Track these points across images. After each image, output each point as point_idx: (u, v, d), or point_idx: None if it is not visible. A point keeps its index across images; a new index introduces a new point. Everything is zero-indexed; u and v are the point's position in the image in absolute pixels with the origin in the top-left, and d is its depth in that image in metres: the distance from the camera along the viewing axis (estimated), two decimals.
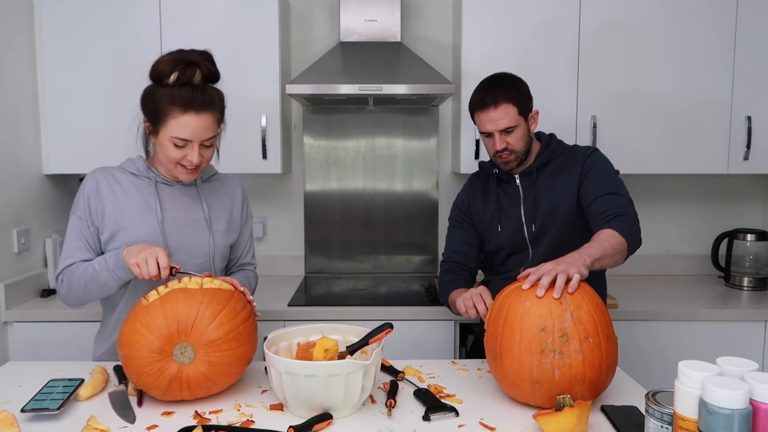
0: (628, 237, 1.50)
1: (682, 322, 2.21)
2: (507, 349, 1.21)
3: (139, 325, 1.25)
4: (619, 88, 2.40)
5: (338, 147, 2.78)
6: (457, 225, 1.88)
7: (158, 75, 1.44)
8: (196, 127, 1.44)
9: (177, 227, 1.53)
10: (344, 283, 2.66)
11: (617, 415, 1.19)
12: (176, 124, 1.43)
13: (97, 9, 2.35)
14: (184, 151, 1.46)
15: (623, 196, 1.63)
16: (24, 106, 2.35)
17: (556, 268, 1.25)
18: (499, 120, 1.66)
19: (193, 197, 1.58)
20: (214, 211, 1.60)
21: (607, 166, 1.73)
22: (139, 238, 1.48)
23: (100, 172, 1.55)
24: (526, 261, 1.76)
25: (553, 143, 1.79)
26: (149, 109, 1.47)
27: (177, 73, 1.42)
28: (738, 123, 2.41)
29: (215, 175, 1.67)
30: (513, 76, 1.74)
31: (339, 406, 1.18)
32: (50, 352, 2.17)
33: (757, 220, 2.82)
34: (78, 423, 1.18)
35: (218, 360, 1.25)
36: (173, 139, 1.44)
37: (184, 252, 1.52)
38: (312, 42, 2.74)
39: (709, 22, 2.37)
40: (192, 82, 1.44)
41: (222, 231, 1.61)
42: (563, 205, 1.71)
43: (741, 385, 0.85)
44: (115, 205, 1.51)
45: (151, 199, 1.53)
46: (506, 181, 1.80)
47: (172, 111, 1.42)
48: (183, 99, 1.42)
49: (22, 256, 2.33)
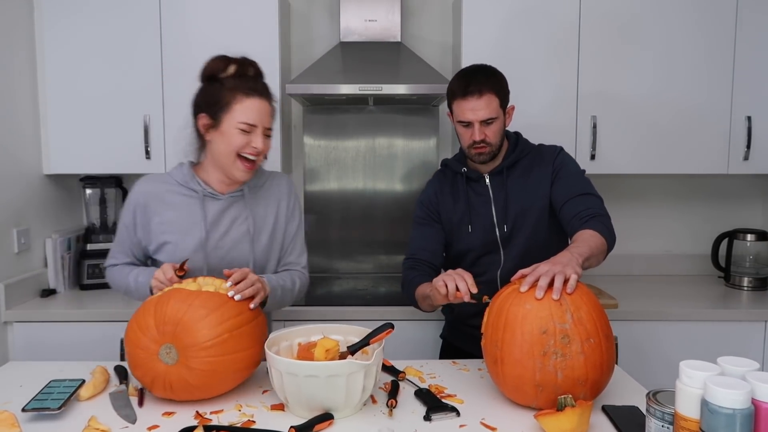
0: (608, 237, 1.51)
1: (682, 322, 2.21)
2: (508, 353, 1.21)
3: (134, 323, 1.28)
4: (619, 88, 2.40)
5: (338, 147, 2.78)
6: (424, 222, 1.82)
7: (213, 71, 1.49)
8: (260, 110, 1.47)
9: (221, 242, 1.54)
10: (345, 283, 2.66)
11: (618, 415, 1.19)
12: (242, 108, 1.45)
13: (97, 9, 2.34)
14: (249, 138, 1.47)
15: (595, 197, 1.64)
16: (24, 106, 2.34)
17: (552, 269, 1.24)
18: (481, 110, 1.62)
19: (239, 210, 1.57)
20: (259, 224, 1.58)
21: (575, 166, 1.73)
22: (185, 253, 1.51)
23: (147, 183, 1.57)
24: (498, 262, 1.74)
25: (521, 142, 1.77)
26: (208, 103, 1.48)
27: (235, 65, 1.49)
28: (738, 123, 2.41)
29: (263, 176, 1.63)
30: (494, 68, 1.70)
31: (340, 407, 1.18)
32: (50, 352, 2.17)
33: (757, 220, 2.82)
34: (79, 423, 1.18)
35: (197, 366, 1.22)
36: (239, 124, 1.45)
37: (225, 265, 1.51)
38: (312, 42, 2.74)
39: (709, 22, 2.37)
40: (249, 75, 1.50)
41: (264, 243, 1.59)
42: (535, 206, 1.70)
43: (743, 384, 0.85)
44: (162, 218, 1.53)
45: (197, 214, 1.53)
46: (475, 180, 1.76)
47: (236, 96, 1.45)
48: (246, 85, 1.47)
49: (22, 256, 2.33)
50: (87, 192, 2.60)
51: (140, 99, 2.37)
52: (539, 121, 2.35)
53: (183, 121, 1.57)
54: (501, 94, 1.66)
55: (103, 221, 2.61)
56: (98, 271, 2.53)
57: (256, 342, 1.31)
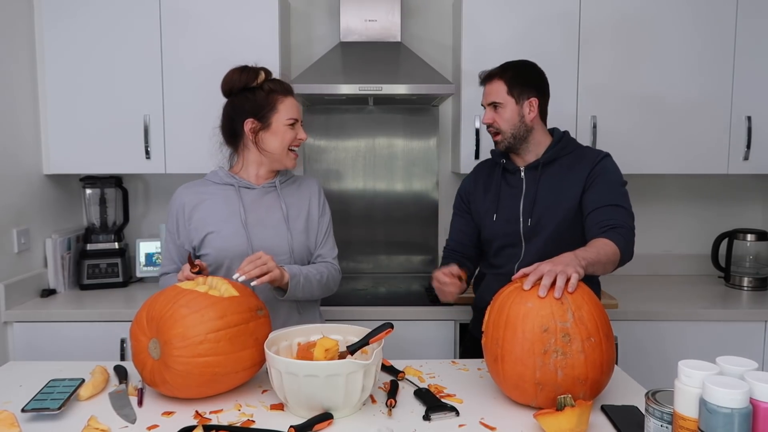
0: (623, 249, 1.51)
1: (682, 322, 2.21)
2: (509, 351, 1.21)
3: (137, 315, 1.33)
4: (619, 87, 2.40)
5: (338, 147, 2.78)
6: (457, 213, 1.92)
7: (246, 82, 1.63)
8: (296, 106, 1.67)
9: (260, 228, 1.64)
10: (344, 283, 2.65)
11: (617, 415, 1.19)
12: (285, 106, 1.64)
13: (97, 9, 2.35)
14: (295, 131, 1.66)
15: (625, 210, 1.62)
16: (24, 106, 2.35)
17: (554, 269, 1.25)
18: (489, 94, 1.76)
19: (273, 199, 1.69)
20: (293, 212, 1.70)
21: (616, 175, 1.70)
22: (227, 240, 1.61)
23: (185, 187, 1.69)
24: (518, 256, 1.75)
25: (565, 140, 1.78)
26: (250, 109, 1.63)
27: (263, 72, 1.65)
28: (738, 123, 2.41)
29: (293, 177, 1.77)
30: (528, 63, 1.79)
31: (339, 406, 1.18)
32: (50, 352, 2.17)
33: (757, 220, 2.82)
34: (78, 423, 1.18)
35: (173, 365, 1.22)
36: (288, 120, 1.63)
37: (266, 250, 1.56)
38: (312, 42, 2.74)
39: (709, 21, 2.37)
40: (273, 78, 1.67)
41: (300, 229, 1.68)
42: (563, 207, 1.70)
43: (741, 384, 0.85)
44: (202, 213, 1.65)
45: (235, 203, 1.65)
46: (511, 173, 1.80)
47: (278, 98, 1.63)
48: (281, 87, 1.65)
49: (22, 256, 2.33)
50: (87, 192, 2.60)
51: (140, 99, 2.37)
52: None
53: (211, 135, 1.72)
54: (510, 82, 1.72)
55: (103, 221, 2.61)
56: (98, 271, 2.53)
57: (244, 347, 1.28)
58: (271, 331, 1.36)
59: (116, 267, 2.56)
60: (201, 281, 1.39)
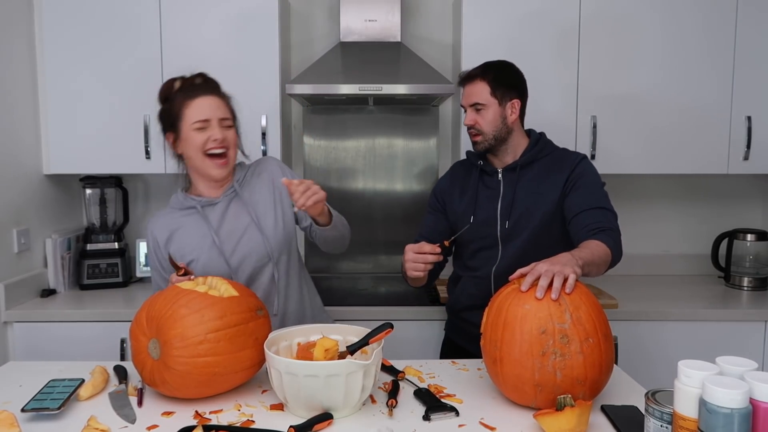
0: (613, 250, 1.51)
1: (682, 322, 2.21)
2: (507, 353, 1.21)
3: (137, 315, 1.32)
4: (618, 88, 2.40)
5: (338, 147, 2.78)
6: (430, 211, 1.92)
7: (165, 93, 1.59)
8: (209, 105, 1.55)
9: (233, 240, 1.61)
10: (344, 283, 2.66)
11: (617, 415, 1.19)
12: (190, 110, 1.54)
13: (96, 9, 2.35)
14: (207, 133, 1.54)
15: (610, 212, 1.63)
16: (24, 106, 2.35)
17: (551, 269, 1.24)
18: (471, 95, 1.73)
19: (239, 206, 1.63)
20: (261, 209, 1.64)
21: (596, 177, 1.71)
22: (206, 265, 1.59)
23: (154, 221, 1.66)
24: (495, 259, 1.75)
25: (542, 142, 1.78)
26: (166, 120, 1.59)
27: (181, 80, 1.59)
28: (738, 123, 2.41)
29: (249, 167, 1.70)
30: (508, 64, 1.77)
31: (339, 406, 1.18)
32: (50, 352, 2.17)
33: (757, 220, 2.82)
34: (78, 423, 1.18)
35: (173, 365, 1.22)
36: (194, 124, 1.54)
37: (245, 259, 1.59)
38: (312, 42, 2.74)
39: (709, 22, 2.37)
40: (194, 83, 1.59)
41: (272, 225, 1.63)
42: (540, 210, 1.70)
43: (741, 384, 0.85)
44: (177, 245, 1.62)
45: (203, 226, 1.61)
46: (489, 174, 1.79)
47: (184, 102, 1.55)
48: (189, 90, 1.56)
49: (22, 256, 2.33)
50: (87, 192, 2.60)
51: (140, 99, 2.37)
52: (539, 120, 2.35)
53: None
54: (493, 84, 1.71)
55: (103, 221, 2.61)
56: (98, 271, 2.53)
57: (244, 347, 1.27)
58: (270, 331, 1.36)
59: (116, 267, 2.56)
60: (201, 281, 1.38)
